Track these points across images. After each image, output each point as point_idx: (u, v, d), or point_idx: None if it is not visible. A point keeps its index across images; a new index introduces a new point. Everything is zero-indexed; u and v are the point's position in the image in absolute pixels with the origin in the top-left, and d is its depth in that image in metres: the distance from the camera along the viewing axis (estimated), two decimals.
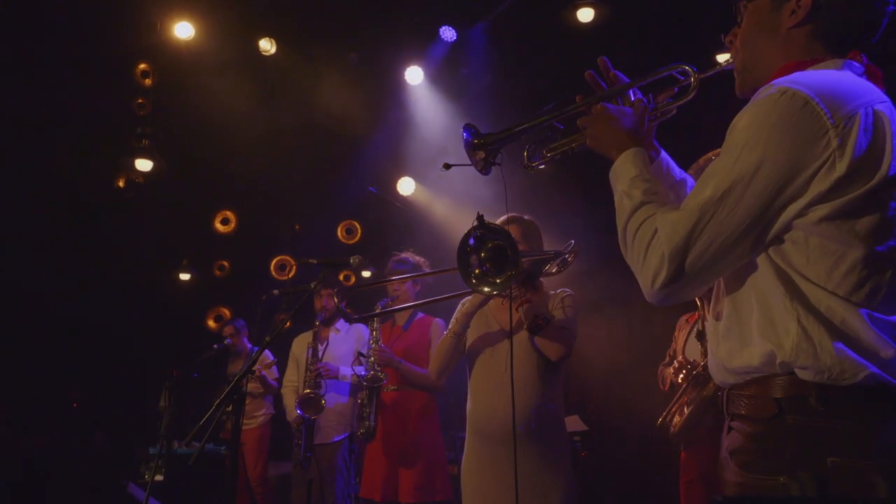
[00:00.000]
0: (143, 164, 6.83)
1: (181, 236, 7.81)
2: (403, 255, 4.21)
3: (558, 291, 2.99)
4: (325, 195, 7.59)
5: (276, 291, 3.62)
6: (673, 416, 3.50)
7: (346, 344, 4.95)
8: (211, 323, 8.03)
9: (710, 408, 3.34)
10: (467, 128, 1.91)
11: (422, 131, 7.11)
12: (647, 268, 1.41)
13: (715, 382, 1.58)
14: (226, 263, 8.14)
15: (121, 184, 7.35)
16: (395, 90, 6.99)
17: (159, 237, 7.55)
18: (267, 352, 6.18)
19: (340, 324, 5.07)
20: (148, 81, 6.71)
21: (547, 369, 2.90)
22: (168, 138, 6.96)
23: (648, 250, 1.42)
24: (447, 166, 2.44)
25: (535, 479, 2.74)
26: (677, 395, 3.48)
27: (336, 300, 2.85)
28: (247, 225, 8.08)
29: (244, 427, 5.75)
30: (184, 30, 6.19)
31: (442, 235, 6.64)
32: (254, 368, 5.87)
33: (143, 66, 6.67)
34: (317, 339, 4.66)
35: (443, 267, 3.97)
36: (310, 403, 4.48)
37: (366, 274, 6.80)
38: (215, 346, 5.59)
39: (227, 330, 6.23)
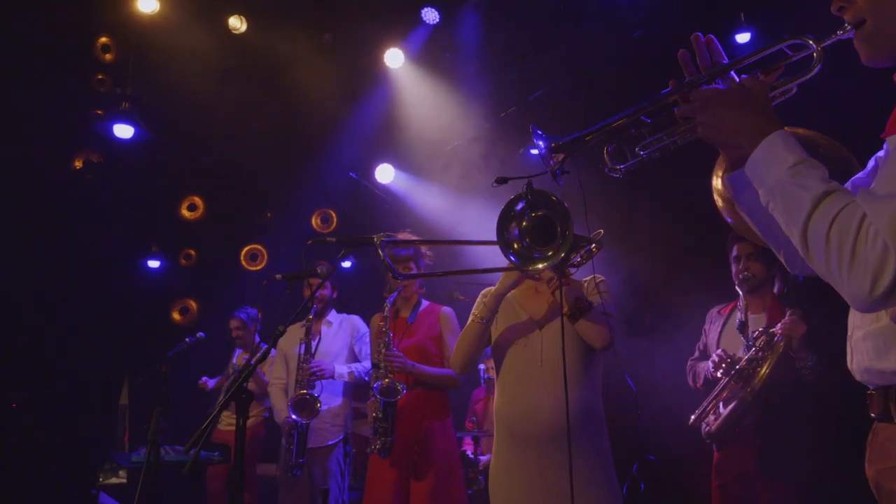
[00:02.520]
0: (124, 131, 6.09)
1: (144, 223, 7.38)
2: (400, 236, 3.76)
3: (590, 277, 2.69)
4: (299, 182, 7.26)
5: (278, 276, 3.27)
6: (707, 415, 3.26)
7: (339, 338, 4.62)
8: (176, 316, 7.63)
9: (754, 406, 3.11)
10: (536, 130, 1.67)
11: (403, 117, 6.80)
12: (861, 266, 1.17)
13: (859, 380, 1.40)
14: (193, 252, 7.73)
15: (78, 164, 6.90)
16: (374, 73, 6.67)
17: (119, 223, 7.11)
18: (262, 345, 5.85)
19: (332, 316, 4.75)
20: (109, 57, 6.28)
21: (589, 360, 2.62)
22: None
23: (858, 245, 1.17)
24: (502, 181, 2.16)
25: (586, 485, 2.46)
26: (715, 392, 3.24)
27: (381, 253, 2.43)
28: (215, 212, 7.67)
29: (228, 428, 5.43)
30: (147, 4, 5.78)
31: (424, 225, 6.38)
32: (236, 365, 5.58)
33: (103, 40, 6.24)
34: (309, 333, 4.27)
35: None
36: (304, 406, 4.11)
37: (346, 265, 6.50)
38: (187, 339, 5.22)
39: (233, 323, 5.82)
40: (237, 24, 6.31)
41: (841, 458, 3.43)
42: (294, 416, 4.10)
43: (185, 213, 7.66)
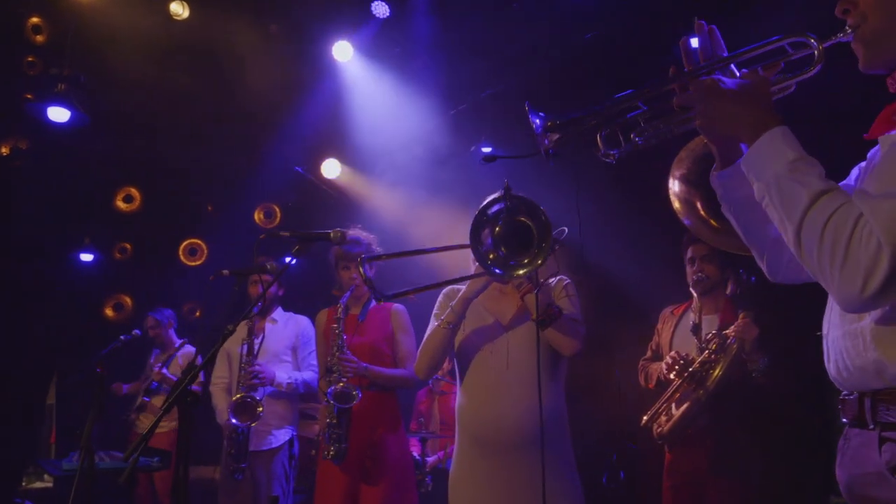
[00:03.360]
0: (59, 114, 5.71)
1: (76, 214, 7.05)
2: (352, 233, 3.62)
3: (557, 279, 2.63)
4: (242, 175, 7.05)
5: (225, 271, 3.10)
6: (660, 415, 3.26)
7: (284, 337, 4.45)
8: (109, 312, 7.31)
9: (707, 407, 3.12)
10: (532, 108, 1.60)
11: (351, 111, 6.68)
12: (853, 265, 1.16)
13: (853, 389, 1.37)
14: (128, 246, 7.41)
15: (4, 151, 6.53)
16: (321, 66, 6.53)
17: (50, 214, 6.76)
18: (189, 346, 5.62)
19: (278, 313, 4.57)
20: (40, 38, 5.96)
21: (555, 366, 2.57)
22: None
23: (851, 244, 1.16)
24: (491, 159, 2.07)
25: (552, 494, 2.40)
26: (668, 393, 3.24)
27: (362, 271, 2.31)
28: (153, 204, 7.37)
29: (160, 430, 5.22)
30: None
31: (373, 222, 6.26)
32: (154, 366, 5.36)
33: (34, 20, 5.92)
34: (252, 333, 4.08)
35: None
36: (245, 410, 3.93)
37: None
38: (122, 337, 4.98)
39: (149, 322, 5.60)
40: (179, 10, 6.09)
41: (788, 457, 3.50)
42: (234, 420, 3.93)
43: (121, 204, 7.34)
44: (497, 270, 2.17)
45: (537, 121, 1.57)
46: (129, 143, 6.73)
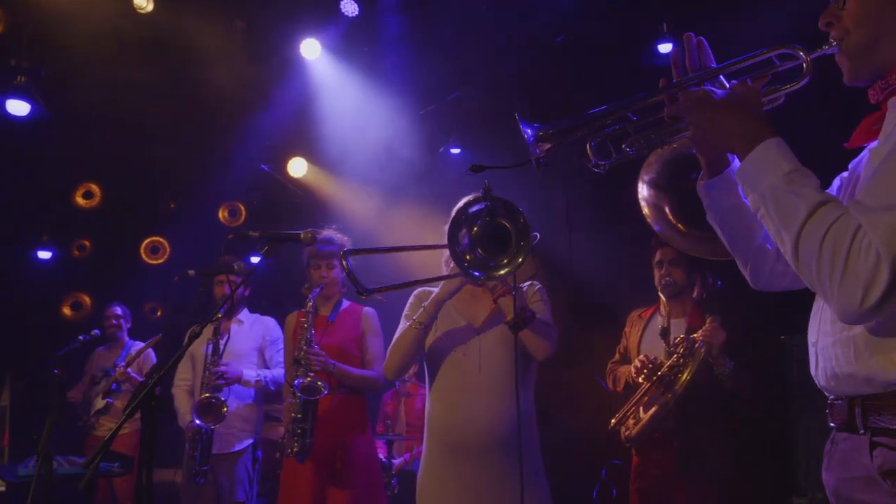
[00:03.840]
0: (18, 107, 5.52)
1: (34, 210, 6.85)
2: (325, 233, 3.59)
3: (528, 284, 2.62)
4: (206, 172, 6.93)
5: (191, 272, 3.03)
6: (627, 419, 3.27)
7: (250, 339, 4.36)
8: (67, 311, 7.13)
9: (674, 411, 3.15)
10: (522, 118, 1.60)
11: (319, 110, 6.61)
12: (853, 278, 1.17)
13: (845, 393, 1.38)
14: (87, 243, 7.23)
15: None
16: (289, 63, 6.45)
17: (6, 209, 6.57)
18: (139, 343, 5.49)
19: (244, 314, 4.48)
20: None
21: (526, 370, 2.56)
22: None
23: (851, 256, 1.17)
24: (477, 168, 2.05)
25: (516, 495, 2.39)
26: (637, 396, 3.25)
27: (345, 264, 2.26)
28: (114, 200, 7.21)
29: (121, 432, 5.05)
30: None
31: (340, 222, 6.20)
32: (117, 364, 5.21)
33: None
34: (217, 333, 3.98)
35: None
36: (209, 410, 3.84)
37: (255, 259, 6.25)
38: (81, 337, 4.84)
39: (114, 312, 5.46)
40: (143, 2, 5.94)
41: (752, 459, 3.55)
42: (198, 421, 3.85)
43: (80, 200, 7.18)
44: (476, 273, 2.16)
45: (529, 131, 1.58)
46: (89, 138, 6.57)
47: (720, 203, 1.63)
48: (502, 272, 2.15)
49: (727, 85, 1.53)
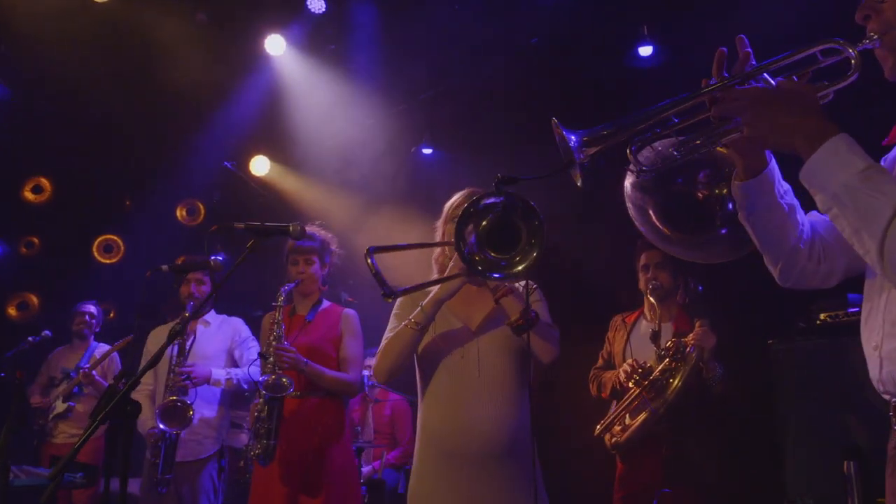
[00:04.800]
0: None
1: None
2: (308, 229, 3.37)
3: (523, 284, 2.51)
4: (164, 169, 6.68)
5: (164, 267, 2.86)
6: (613, 425, 3.20)
7: (217, 340, 4.15)
8: (12, 311, 6.76)
9: (666, 417, 3.07)
10: (561, 124, 1.52)
11: (283, 108, 6.44)
12: None
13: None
14: (35, 240, 6.89)
15: None
16: (252, 59, 6.27)
17: None
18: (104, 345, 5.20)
19: (211, 315, 4.25)
20: None
21: (524, 373, 2.45)
22: None
23: None
24: (510, 181, 1.97)
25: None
26: (625, 402, 3.17)
27: (370, 263, 2.12)
28: (65, 196, 6.88)
29: (74, 441, 4.77)
30: None
31: (305, 222, 6.03)
32: (81, 367, 4.92)
33: None
34: (182, 333, 3.74)
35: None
36: (174, 414, 3.62)
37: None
38: (30, 339, 4.57)
39: (88, 311, 5.18)
40: None
41: (740, 465, 3.53)
42: (162, 426, 3.63)
43: (29, 195, 6.84)
44: (496, 275, 2.07)
45: (573, 137, 1.51)
46: (39, 129, 6.28)
47: (755, 204, 1.59)
48: (517, 270, 2.05)
49: (773, 83, 1.46)
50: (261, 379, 3.17)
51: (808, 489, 2.85)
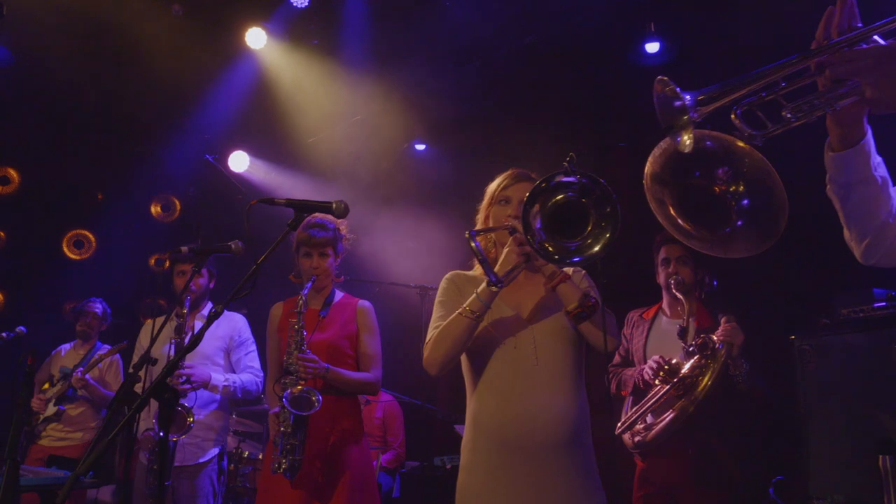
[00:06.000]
0: None
1: None
2: (318, 217, 3.15)
3: (574, 271, 2.42)
4: (138, 163, 6.47)
5: (184, 248, 2.66)
6: (635, 424, 3.12)
7: (216, 337, 3.93)
8: None
9: (695, 416, 2.99)
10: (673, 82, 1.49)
11: (263, 101, 6.26)
12: None
13: None
14: (1, 234, 6.57)
15: None
16: (232, 53, 6.09)
17: None
18: (107, 349, 4.93)
19: (209, 310, 3.98)
20: None
21: (580, 363, 2.35)
22: None
23: None
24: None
25: (584, 496, 2.20)
26: (650, 399, 3.09)
27: (474, 246, 2.01)
28: (34, 188, 6.61)
29: (70, 443, 4.55)
30: None
31: (286, 219, 5.84)
32: (76, 370, 4.65)
33: None
34: (181, 331, 3.49)
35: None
36: (173, 419, 3.41)
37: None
38: (3, 334, 4.32)
39: (95, 308, 4.94)
40: None
41: (765, 464, 3.50)
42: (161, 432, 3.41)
43: None
44: (574, 259, 2.03)
45: (687, 96, 1.46)
46: (7, 119, 6.00)
47: (848, 176, 1.53)
48: (594, 252, 1.98)
49: (884, 44, 1.41)
50: (286, 393, 2.93)
51: (837, 487, 2.83)
